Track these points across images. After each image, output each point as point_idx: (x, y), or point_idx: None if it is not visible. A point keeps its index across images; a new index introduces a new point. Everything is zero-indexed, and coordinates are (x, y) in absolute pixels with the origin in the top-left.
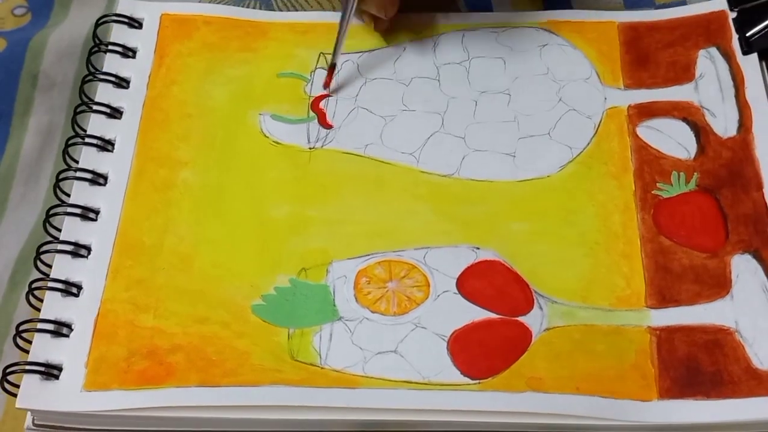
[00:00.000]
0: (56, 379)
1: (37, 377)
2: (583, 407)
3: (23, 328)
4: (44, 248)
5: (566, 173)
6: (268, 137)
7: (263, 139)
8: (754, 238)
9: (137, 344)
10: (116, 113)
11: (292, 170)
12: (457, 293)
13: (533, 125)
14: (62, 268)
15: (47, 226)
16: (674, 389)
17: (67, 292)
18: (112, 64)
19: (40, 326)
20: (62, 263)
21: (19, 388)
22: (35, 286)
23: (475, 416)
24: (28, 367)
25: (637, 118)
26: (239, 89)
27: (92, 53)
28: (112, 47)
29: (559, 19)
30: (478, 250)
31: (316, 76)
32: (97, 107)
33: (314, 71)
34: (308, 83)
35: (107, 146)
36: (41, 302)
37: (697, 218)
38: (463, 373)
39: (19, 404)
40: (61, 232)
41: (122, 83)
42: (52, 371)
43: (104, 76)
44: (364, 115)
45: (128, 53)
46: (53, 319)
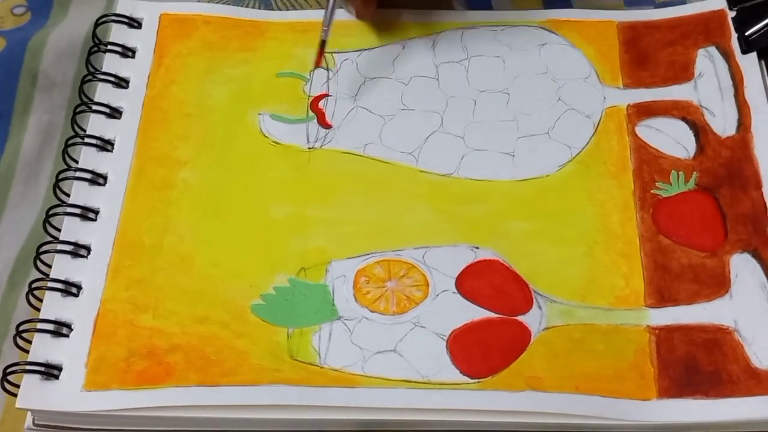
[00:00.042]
0: (56, 379)
1: (37, 377)
2: (582, 406)
3: (23, 328)
4: (44, 248)
5: (565, 172)
6: (267, 137)
7: (262, 138)
8: (753, 237)
9: (137, 344)
10: (116, 113)
11: (291, 170)
12: (456, 292)
13: (532, 124)
14: (62, 268)
15: (47, 226)
16: (673, 388)
17: (66, 292)
18: (111, 64)
19: (39, 326)
20: (62, 263)
21: (19, 388)
22: (35, 286)
23: (474, 415)
24: (28, 367)
25: (636, 117)
26: (239, 89)
27: (92, 53)
28: (111, 47)
29: (558, 18)
30: (477, 249)
31: (315, 75)
32: (96, 107)
33: (313, 71)
34: (307, 83)
35: (107, 146)
36: (41, 302)
37: (696, 217)
38: (462, 372)
39: (19, 404)
40: (60, 232)
41: (122, 83)
42: (52, 371)
43: (104, 76)
44: (363, 114)
45: (128, 53)
46: (53, 319)
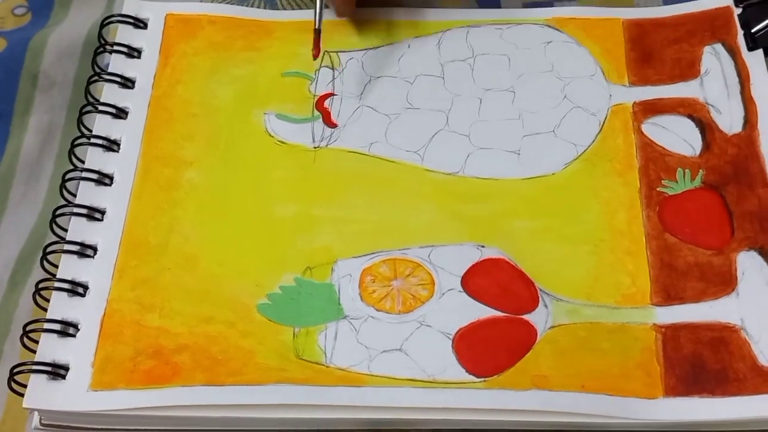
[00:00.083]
0: (63, 378)
1: (43, 377)
2: (588, 405)
3: (30, 328)
4: (50, 248)
5: (571, 171)
6: (273, 136)
7: (268, 138)
8: (759, 235)
9: (143, 344)
10: (122, 113)
11: (296, 169)
12: (462, 291)
13: (538, 123)
14: (69, 268)
15: (53, 226)
16: (680, 387)
17: (73, 292)
18: (117, 64)
19: (46, 326)
20: (68, 263)
21: (25, 387)
22: (42, 286)
23: (480, 414)
24: (35, 367)
25: (642, 115)
26: (244, 88)
27: (97, 53)
28: (117, 47)
29: (564, 15)
30: (482, 248)
31: (320, 75)
32: (102, 107)
33: (319, 70)
34: (313, 82)
35: (113, 146)
36: (47, 302)
37: (702, 215)
38: (468, 371)
39: (26, 404)
40: (66, 232)
41: (127, 83)
42: (58, 371)
43: (109, 76)
44: (368, 113)
45: (133, 53)
46: (60, 318)
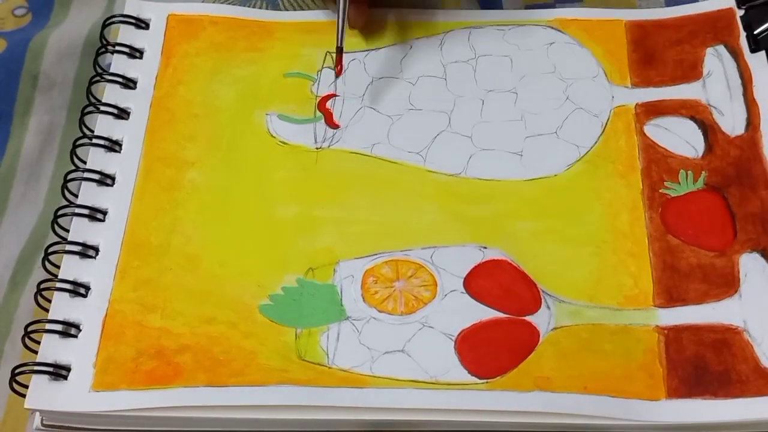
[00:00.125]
0: (65, 379)
1: (45, 378)
2: (590, 407)
3: (32, 328)
4: (52, 249)
5: (573, 172)
6: (274, 137)
7: (270, 139)
8: (762, 236)
9: (145, 344)
10: (123, 114)
11: (299, 170)
12: (464, 292)
13: (540, 124)
14: (70, 268)
15: (55, 226)
16: (682, 389)
17: (75, 292)
18: (119, 64)
19: (48, 327)
20: (70, 264)
21: (27, 388)
22: (44, 286)
23: (482, 416)
24: (36, 367)
25: (644, 116)
26: (246, 89)
27: (99, 54)
28: (119, 48)
29: (566, 17)
30: (485, 249)
31: (322, 75)
32: (104, 108)
33: (321, 71)
34: (315, 83)
35: (114, 147)
36: (49, 302)
37: (704, 217)
38: (470, 372)
39: (27, 404)
40: (68, 232)
41: (129, 84)
42: (60, 372)
43: (111, 76)
44: (370, 114)
45: (135, 54)
46: (61, 319)
